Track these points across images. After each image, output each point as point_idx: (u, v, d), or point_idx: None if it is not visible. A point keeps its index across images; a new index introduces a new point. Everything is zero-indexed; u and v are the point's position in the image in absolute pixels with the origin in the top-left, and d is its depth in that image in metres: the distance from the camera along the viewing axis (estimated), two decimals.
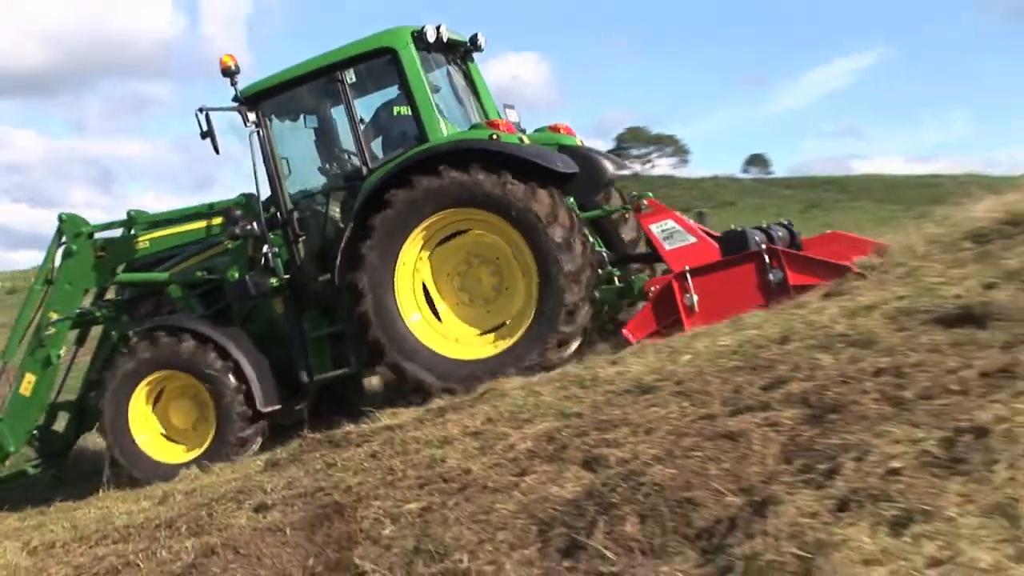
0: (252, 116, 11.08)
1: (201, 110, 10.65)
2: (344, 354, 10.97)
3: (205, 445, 10.91)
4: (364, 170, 10.77)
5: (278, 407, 11.03)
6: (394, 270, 10.24)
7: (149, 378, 11.09)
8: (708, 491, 4.24)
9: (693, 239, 10.07)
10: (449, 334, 10.41)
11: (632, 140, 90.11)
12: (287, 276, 11.09)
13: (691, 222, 10.42)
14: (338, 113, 11.44)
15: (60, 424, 12.70)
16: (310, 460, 7.97)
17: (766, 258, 9.49)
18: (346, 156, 11.57)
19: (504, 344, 10.13)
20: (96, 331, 12.81)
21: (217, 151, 11.06)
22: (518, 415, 6.94)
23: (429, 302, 10.51)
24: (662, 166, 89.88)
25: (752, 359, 6.22)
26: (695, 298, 9.55)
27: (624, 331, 9.88)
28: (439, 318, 10.46)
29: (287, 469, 8.01)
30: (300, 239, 11.10)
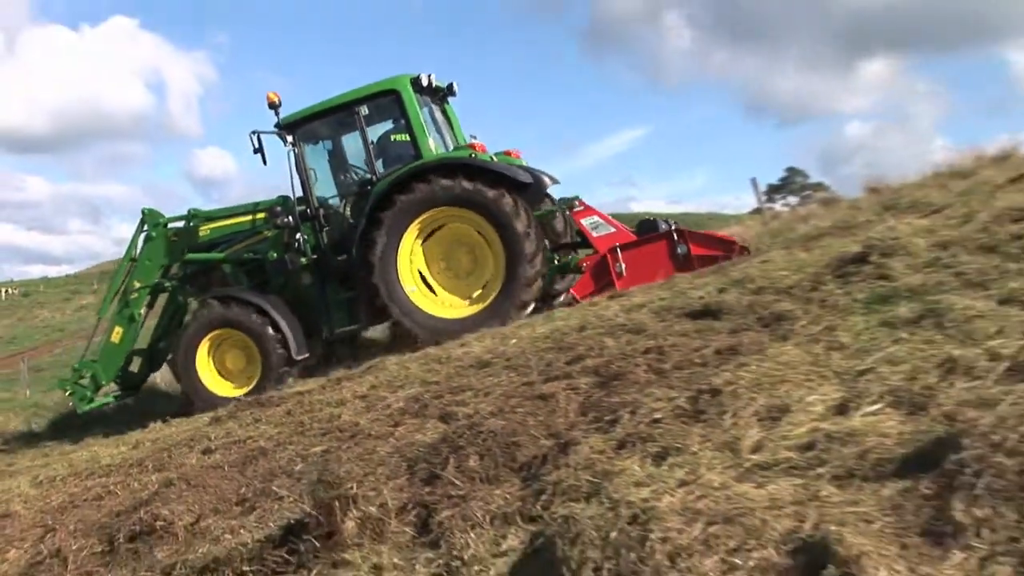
0: (290, 138, 10.73)
1: (254, 132, 10.28)
2: (357, 314, 10.73)
3: (253, 383, 10.60)
4: (373, 179, 10.54)
5: (307, 355, 10.78)
6: (397, 252, 9.99)
7: (211, 334, 10.81)
8: (528, 436, 4.14)
9: (614, 229, 10.13)
10: (438, 300, 10.18)
11: None
12: (314, 256, 10.82)
13: (610, 217, 10.41)
14: (353, 138, 11.11)
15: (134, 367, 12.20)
16: (243, 416, 7.64)
17: (675, 236, 9.54)
18: (358, 169, 11.26)
19: (484, 302, 9.93)
20: (162, 298, 12.32)
21: (265, 163, 10.59)
22: (393, 383, 6.78)
23: (423, 276, 10.29)
24: None
25: (559, 342, 6.16)
26: (623, 267, 9.59)
27: (571, 291, 9.86)
28: (431, 288, 10.23)
29: (226, 423, 7.65)
30: (324, 229, 10.82)
